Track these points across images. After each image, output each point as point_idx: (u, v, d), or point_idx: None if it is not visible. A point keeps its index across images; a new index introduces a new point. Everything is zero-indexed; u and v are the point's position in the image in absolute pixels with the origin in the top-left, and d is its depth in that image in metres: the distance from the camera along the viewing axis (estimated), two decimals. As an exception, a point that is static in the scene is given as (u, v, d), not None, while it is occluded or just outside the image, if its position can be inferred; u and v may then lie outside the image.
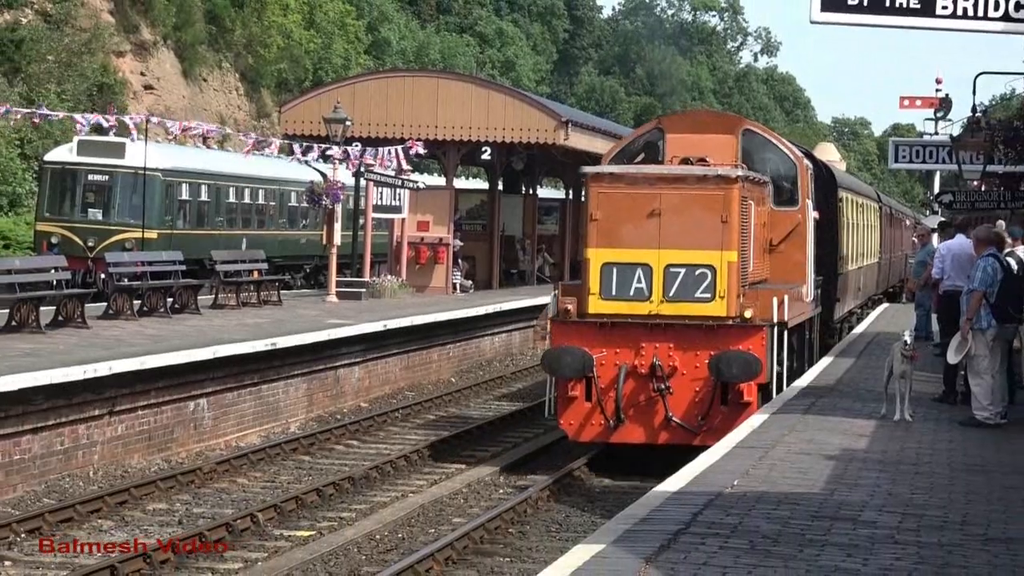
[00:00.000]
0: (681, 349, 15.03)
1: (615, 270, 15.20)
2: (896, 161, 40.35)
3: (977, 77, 26.24)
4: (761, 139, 19.25)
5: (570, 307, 15.45)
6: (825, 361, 21.16)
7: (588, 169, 16.86)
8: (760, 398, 15.08)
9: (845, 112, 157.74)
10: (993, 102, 23.36)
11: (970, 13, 10.86)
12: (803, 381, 18.61)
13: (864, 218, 31.95)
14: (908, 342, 14.55)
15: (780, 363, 16.28)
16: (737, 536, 8.55)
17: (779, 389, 16.08)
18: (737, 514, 9.39)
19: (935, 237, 26.87)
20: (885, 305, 33.99)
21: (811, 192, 20.04)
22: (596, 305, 15.26)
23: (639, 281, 15.09)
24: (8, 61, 38.05)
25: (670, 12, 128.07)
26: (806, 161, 20.32)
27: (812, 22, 11.33)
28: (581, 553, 8.20)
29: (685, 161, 16.56)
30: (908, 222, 48.76)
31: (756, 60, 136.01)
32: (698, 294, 15.00)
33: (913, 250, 35.90)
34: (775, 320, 15.64)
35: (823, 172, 24.29)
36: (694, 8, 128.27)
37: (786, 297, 16.34)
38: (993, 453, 13.22)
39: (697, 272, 14.96)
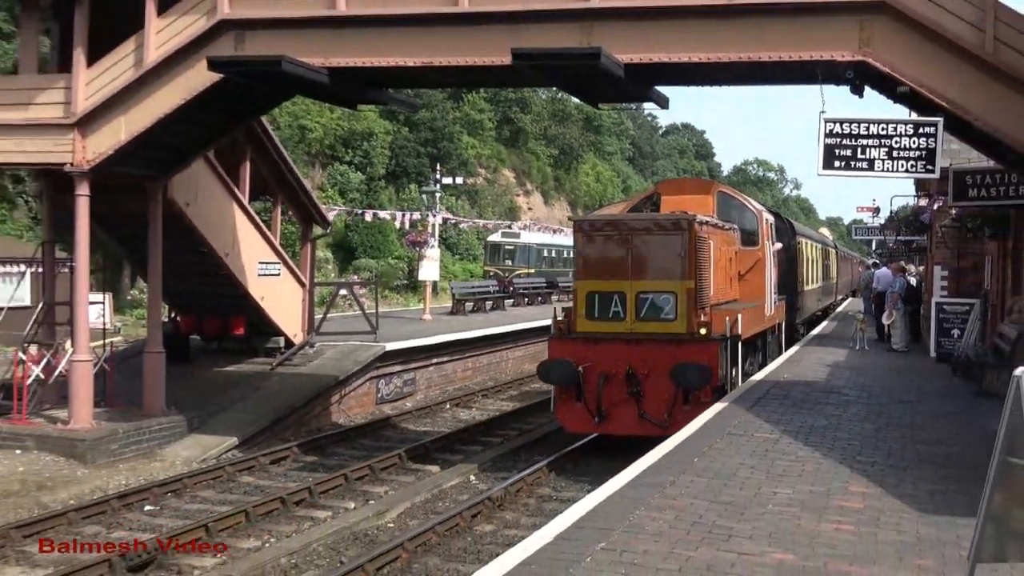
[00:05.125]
0: (650, 359, 15.19)
1: (597, 297, 15.64)
2: (853, 236, 65.02)
3: (892, 198, 45.14)
4: (729, 197, 20.60)
5: (562, 327, 16.02)
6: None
7: (576, 218, 16.97)
8: (715, 397, 15.23)
9: (833, 213, 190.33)
10: (898, 208, 35.37)
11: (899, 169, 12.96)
12: (801, 342, 26.31)
13: (820, 255, 35.10)
14: (862, 316, 26.94)
15: (736, 366, 16.93)
16: (786, 399, 15.30)
17: (733, 386, 16.60)
18: (786, 390, 16.39)
19: (873, 270, 38.16)
20: (826, 321, 36.78)
21: (771, 236, 21.41)
22: (583, 325, 15.71)
23: (616, 305, 15.48)
24: (472, 203, 65.45)
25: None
26: (766, 214, 21.63)
27: (819, 174, 13.14)
28: (718, 405, 14.64)
29: None
30: (856, 261, 66.94)
31: (791, 191, 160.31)
32: (663, 315, 15.37)
33: (863, 275, 48.98)
34: (728, 334, 16.15)
35: (787, 224, 26.75)
36: (760, 166, 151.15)
37: (739, 316, 16.89)
38: (902, 362, 22.49)
39: (661, 297, 15.37)
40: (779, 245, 22.60)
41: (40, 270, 19.52)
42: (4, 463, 15.31)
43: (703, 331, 15.29)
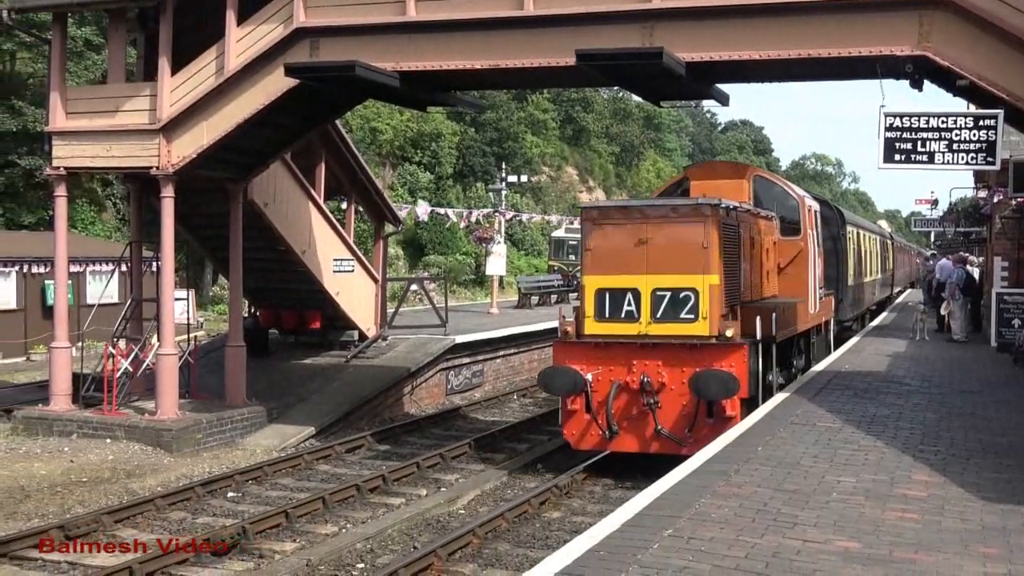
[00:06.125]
0: (668, 366, 13.23)
1: (607, 295, 13.61)
2: (912, 228, 64.66)
3: (952, 190, 39.75)
4: (768, 183, 18.09)
5: (569, 329, 13.92)
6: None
7: (583, 205, 15.07)
8: (745, 410, 13.11)
9: (892, 205, 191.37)
10: (957, 199, 34.56)
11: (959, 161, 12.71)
12: (861, 333, 25.81)
13: (876, 247, 32.60)
14: (924, 308, 26.22)
15: (771, 371, 14.63)
16: (848, 390, 14.91)
17: (768, 395, 14.31)
18: (847, 380, 16.07)
19: (932, 261, 37.61)
20: (886, 312, 35.42)
21: (816, 225, 18.97)
22: (591, 327, 13.71)
23: (629, 304, 13.43)
24: (536, 200, 66.51)
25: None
26: (808, 200, 19.10)
27: (880, 168, 12.73)
28: (780, 395, 14.43)
29: None
30: (914, 253, 64.68)
31: (849, 185, 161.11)
32: (682, 315, 13.27)
33: (921, 266, 49.14)
34: (759, 336, 13.74)
35: (835, 212, 24.14)
36: (818, 160, 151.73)
37: (773, 315, 14.54)
38: (961, 353, 22.00)
39: (681, 295, 13.24)
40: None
41: (128, 269, 19.80)
42: (96, 452, 15.61)
43: (730, 333, 13.20)
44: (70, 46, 19.03)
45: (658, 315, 13.34)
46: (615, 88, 57.29)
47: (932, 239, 55.26)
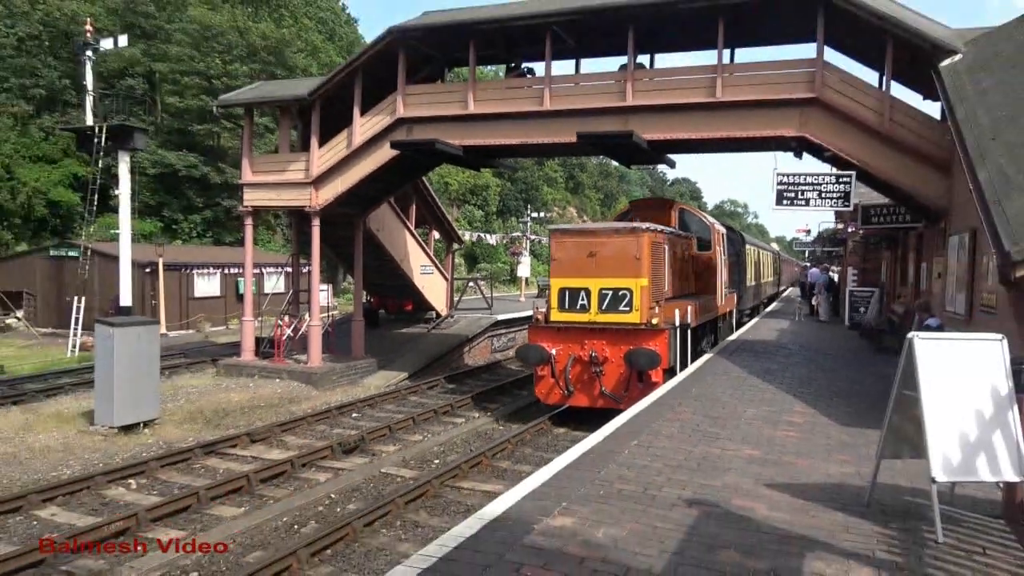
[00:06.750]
0: (610, 345, 12.19)
1: (567, 292, 12.49)
2: (794, 248, 57.13)
3: (820, 223, 39.15)
4: (689, 213, 16.98)
5: (540, 316, 12.78)
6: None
7: (551, 228, 13.73)
8: (666, 376, 12.03)
9: (780, 233, 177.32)
10: (824, 229, 33.93)
11: (825, 205, 12.62)
12: (760, 315, 24.89)
13: (765, 259, 30.62)
14: (800, 300, 23.28)
15: (685, 350, 13.21)
16: (751, 352, 14.73)
17: (684, 366, 12.98)
18: (751, 346, 15.85)
19: (808, 269, 36.55)
20: (776, 302, 33.48)
21: (723, 243, 17.82)
22: (556, 315, 12.52)
23: (582, 299, 12.37)
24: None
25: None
26: (717, 225, 18.03)
27: (772, 209, 12.60)
28: (707, 355, 14.09)
29: None
30: (794, 263, 61.84)
31: (752, 219, 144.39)
32: (620, 308, 12.22)
33: (799, 273, 47.68)
34: (677, 324, 12.62)
35: (738, 235, 22.35)
36: (732, 204, 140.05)
37: (689, 307, 13.32)
38: (826, 329, 21.17)
39: (620, 293, 12.22)
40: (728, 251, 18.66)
41: (290, 270, 19.96)
42: (268, 387, 15.76)
43: (655, 321, 12.11)
44: (255, 129, 19.04)
45: (603, 307, 12.31)
46: (601, 156, 57.31)
47: (807, 255, 54.94)
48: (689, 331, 13.31)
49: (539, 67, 14.58)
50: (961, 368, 5.13)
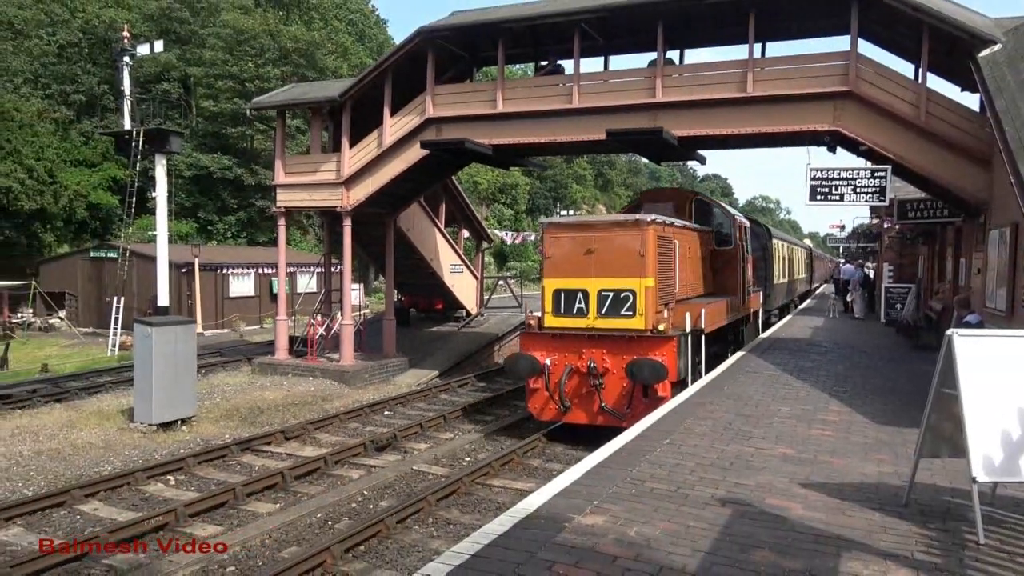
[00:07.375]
0: (611, 354, 10.71)
1: (563, 294, 10.98)
2: (827, 244, 62.47)
3: (855, 219, 38.89)
4: (707, 204, 15.09)
5: (532, 322, 11.32)
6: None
7: (543, 220, 11.55)
8: (675, 391, 10.54)
9: (814, 229, 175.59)
10: (858, 225, 33.13)
11: (860, 200, 12.16)
12: (792, 314, 23.87)
13: (796, 255, 27.95)
14: (834, 296, 22.55)
15: (698, 359, 11.65)
16: (784, 350, 14.35)
17: (697, 377, 11.49)
18: (784, 344, 15.45)
19: (841, 265, 35.52)
20: (809, 300, 32.19)
21: (746, 237, 15.75)
22: (550, 320, 11.05)
23: (580, 302, 10.87)
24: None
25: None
26: (740, 218, 15.96)
27: (806, 205, 12.45)
28: (738, 353, 13.74)
29: None
30: (827, 259, 60.69)
31: (784, 216, 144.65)
32: (622, 312, 10.70)
33: (833, 269, 47.57)
34: (689, 329, 11.16)
35: (763, 229, 20.00)
36: (763, 200, 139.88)
37: (704, 310, 11.78)
38: (861, 326, 20.55)
39: (622, 295, 10.67)
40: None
41: (322, 270, 20.15)
42: (302, 385, 15.90)
43: (662, 327, 10.61)
44: (287, 131, 19.23)
45: (603, 311, 10.77)
46: (630, 153, 56.86)
47: (840, 251, 53.86)
48: (703, 337, 11.81)
49: (567, 64, 14.50)
50: (1003, 365, 5.00)
